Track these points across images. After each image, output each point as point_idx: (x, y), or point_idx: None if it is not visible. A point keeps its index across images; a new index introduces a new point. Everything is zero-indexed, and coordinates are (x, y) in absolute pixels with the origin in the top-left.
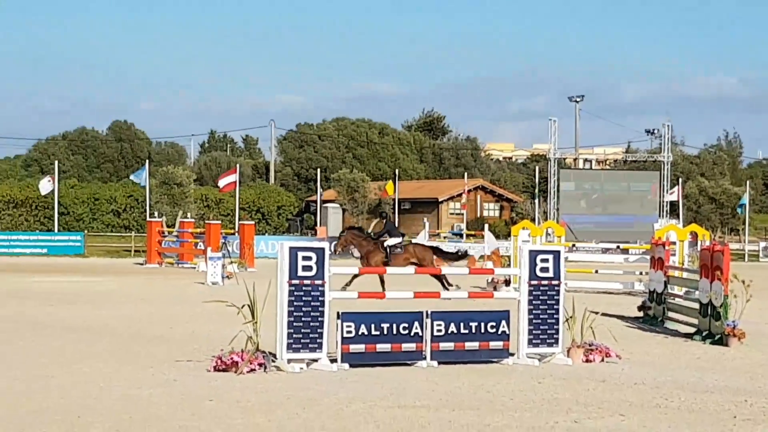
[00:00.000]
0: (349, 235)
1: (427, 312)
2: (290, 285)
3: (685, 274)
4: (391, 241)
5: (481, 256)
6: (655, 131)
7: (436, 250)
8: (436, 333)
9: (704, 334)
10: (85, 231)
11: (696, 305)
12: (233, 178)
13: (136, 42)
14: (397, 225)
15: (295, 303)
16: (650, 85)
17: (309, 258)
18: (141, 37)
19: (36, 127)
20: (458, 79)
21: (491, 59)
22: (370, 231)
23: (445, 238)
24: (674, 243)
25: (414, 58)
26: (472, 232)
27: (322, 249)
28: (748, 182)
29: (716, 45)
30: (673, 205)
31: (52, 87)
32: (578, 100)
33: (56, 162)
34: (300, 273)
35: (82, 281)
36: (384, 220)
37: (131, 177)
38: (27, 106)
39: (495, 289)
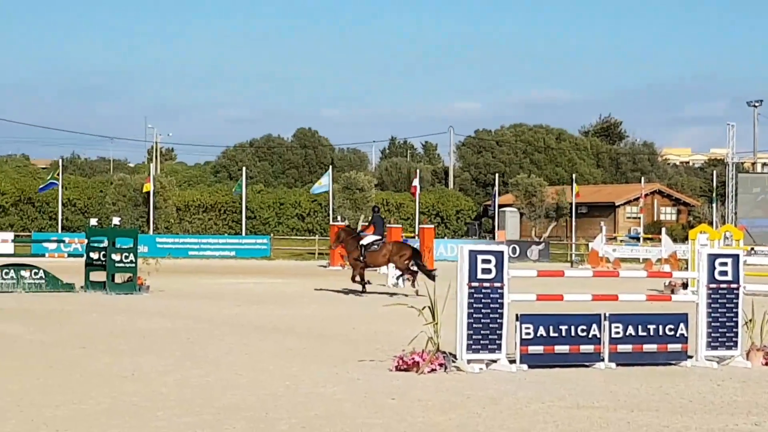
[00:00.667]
0: (342, 233)
1: (605, 314)
2: (470, 287)
3: None
4: (365, 240)
5: (658, 260)
6: None
7: (414, 251)
8: (614, 335)
9: None
10: (271, 234)
11: None
12: (414, 182)
13: (318, 54)
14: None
15: (474, 305)
16: None
17: (488, 261)
18: (323, 50)
19: (224, 135)
20: (635, 84)
21: (668, 64)
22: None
23: (621, 241)
24: None
25: (590, 65)
26: (649, 236)
27: (501, 252)
28: None
29: None
30: None
31: (239, 97)
32: (757, 104)
33: (243, 168)
34: (479, 276)
35: (268, 283)
36: (373, 214)
37: (312, 191)
38: (216, 116)
39: (673, 292)
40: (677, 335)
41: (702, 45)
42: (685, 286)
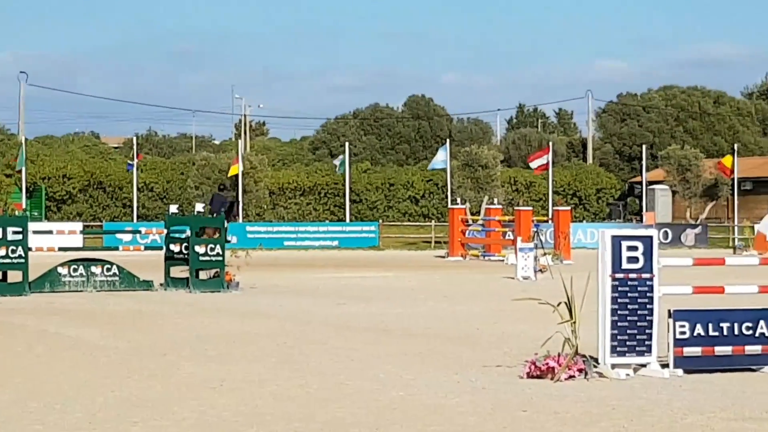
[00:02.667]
0: None
1: None
2: (613, 279)
3: None
4: None
5: None
6: None
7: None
8: None
9: None
10: (380, 220)
11: None
12: (545, 159)
13: (434, 8)
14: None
15: (619, 300)
16: None
17: (635, 248)
18: (438, 2)
19: (325, 106)
20: None
21: None
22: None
23: None
24: None
25: (759, 13)
26: None
27: (650, 238)
28: None
29: None
30: None
31: (340, 61)
32: None
33: (347, 143)
34: (624, 266)
35: (377, 276)
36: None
37: (429, 167)
38: (315, 83)
39: None
40: None
41: None
42: None
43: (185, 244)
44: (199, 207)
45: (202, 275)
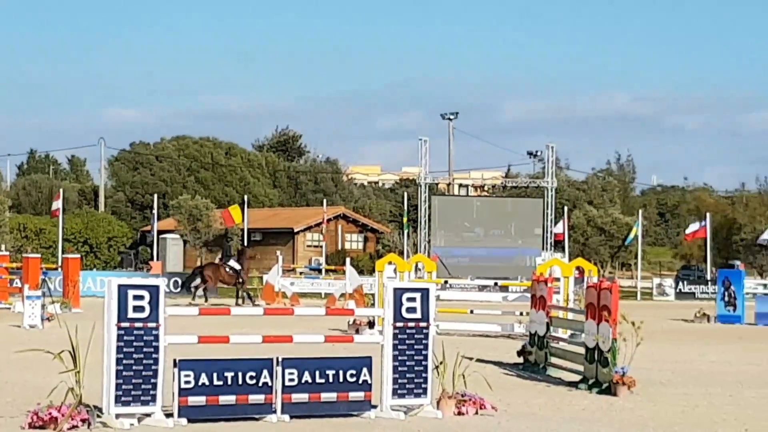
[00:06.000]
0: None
1: (277, 359)
2: (119, 328)
3: (569, 315)
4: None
5: (342, 295)
6: (538, 153)
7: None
8: (287, 383)
9: (590, 382)
10: None
11: (582, 350)
12: (57, 204)
13: None
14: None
15: (124, 349)
16: (533, 103)
17: (141, 297)
18: None
19: None
20: (317, 92)
21: (357, 70)
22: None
23: (301, 273)
24: (558, 279)
25: (267, 68)
26: (332, 267)
27: (157, 287)
28: (640, 211)
29: (608, 60)
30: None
31: None
32: (452, 117)
33: None
34: (130, 314)
35: None
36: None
37: None
38: None
39: (357, 332)
40: (359, 382)
41: (395, 49)
42: (371, 324)
43: None
44: None
45: None
